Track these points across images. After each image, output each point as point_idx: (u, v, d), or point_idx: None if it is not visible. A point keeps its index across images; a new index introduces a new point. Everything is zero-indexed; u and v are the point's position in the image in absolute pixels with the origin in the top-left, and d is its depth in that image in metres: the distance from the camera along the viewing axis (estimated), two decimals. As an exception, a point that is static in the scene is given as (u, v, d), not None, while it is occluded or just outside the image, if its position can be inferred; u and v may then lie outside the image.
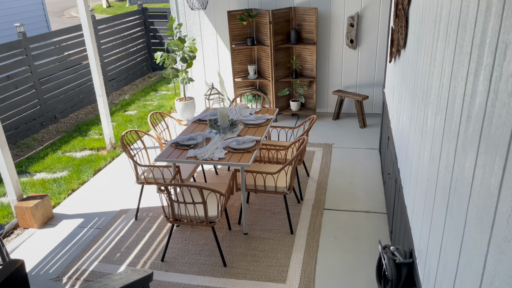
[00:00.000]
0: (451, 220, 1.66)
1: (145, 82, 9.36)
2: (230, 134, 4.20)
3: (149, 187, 4.84)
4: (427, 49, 2.35)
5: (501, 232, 1.11)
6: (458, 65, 1.64)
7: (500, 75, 1.16)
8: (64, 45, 7.22)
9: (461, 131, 1.56)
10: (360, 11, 6.03)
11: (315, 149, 5.58)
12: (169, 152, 3.89)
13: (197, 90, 7.08)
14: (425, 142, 2.27)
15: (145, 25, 9.57)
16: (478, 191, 1.32)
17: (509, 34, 1.10)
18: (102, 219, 4.33)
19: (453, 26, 1.76)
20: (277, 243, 3.80)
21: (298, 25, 6.24)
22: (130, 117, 7.16)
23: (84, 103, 7.72)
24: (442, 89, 1.91)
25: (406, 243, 2.74)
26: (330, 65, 6.43)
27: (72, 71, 7.39)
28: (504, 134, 1.11)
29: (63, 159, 5.68)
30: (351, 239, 3.81)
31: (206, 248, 3.78)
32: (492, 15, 1.25)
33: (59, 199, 4.67)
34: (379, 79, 6.32)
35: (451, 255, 1.63)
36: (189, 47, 6.23)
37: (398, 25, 3.61)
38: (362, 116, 6.16)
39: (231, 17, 6.17)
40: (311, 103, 6.55)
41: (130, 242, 3.93)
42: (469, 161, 1.44)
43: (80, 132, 6.58)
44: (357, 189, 4.60)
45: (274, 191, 3.83)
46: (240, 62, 6.51)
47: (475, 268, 1.32)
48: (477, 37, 1.40)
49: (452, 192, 1.65)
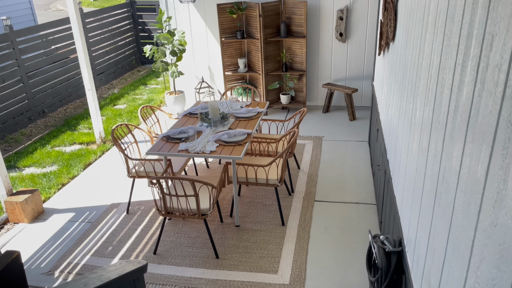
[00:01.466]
0: (439, 208, 1.70)
1: (134, 76, 9.29)
2: (221, 127, 4.21)
3: (140, 181, 4.84)
4: (415, 41, 2.39)
5: (488, 218, 1.15)
6: (446, 56, 1.68)
7: (487, 65, 1.20)
8: (52, 39, 7.13)
9: (449, 121, 1.60)
10: (349, 4, 6.06)
11: (305, 142, 5.62)
12: (161, 146, 3.89)
13: (187, 83, 7.07)
14: (414, 133, 2.31)
15: (134, 18, 9.48)
16: (466, 179, 1.36)
17: (496, 26, 1.13)
18: (93, 213, 4.32)
19: (441, 18, 1.80)
20: (268, 234, 3.84)
21: (288, 18, 6.25)
22: (120, 111, 7.12)
23: (72, 97, 7.65)
24: (431, 80, 1.95)
25: (395, 232, 2.80)
26: (320, 58, 6.46)
27: (60, 65, 7.31)
28: (491, 123, 1.15)
29: (52, 153, 5.64)
30: (342, 230, 3.87)
31: (198, 241, 3.80)
32: (479, 7, 1.28)
33: (49, 194, 4.64)
34: (368, 72, 6.37)
35: (439, 242, 1.67)
36: (179, 41, 6.21)
37: (387, 18, 3.65)
38: (352, 109, 6.21)
39: (220, 10, 6.15)
40: (301, 96, 6.58)
41: (122, 236, 3.94)
42: (457, 150, 1.48)
43: (69, 127, 6.53)
44: (347, 181, 4.66)
45: (266, 184, 3.87)
46: (230, 56, 6.50)
47: (463, 253, 1.36)
48: (465, 29, 1.44)
49: (440, 181, 1.69)
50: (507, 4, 1.05)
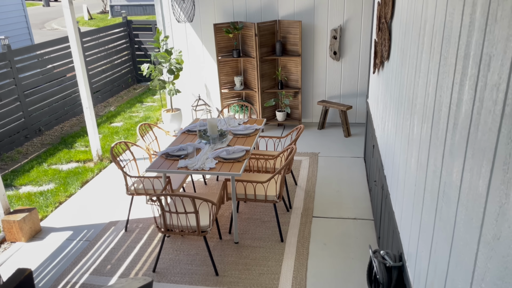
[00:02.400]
0: (440, 222, 1.74)
1: (130, 93, 9.35)
2: (220, 144, 4.25)
3: (137, 198, 4.83)
4: (411, 60, 2.47)
5: (490, 231, 1.20)
6: (443, 75, 1.74)
7: (485, 85, 1.26)
8: (49, 58, 7.18)
9: (448, 137, 1.65)
10: (343, 24, 6.20)
11: (302, 158, 5.67)
12: (160, 163, 3.91)
13: (184, 101, 7.13)
14: (412, 149, 2.37)
15: (130, 37, 9.59)
16: (467, 194, 1.41)
17: (493, 48, 1.20)
18: (91, 231, 4.30)
19: (437, 39, 1.87)
20: (268, 251, 3.85)
21: (283, 37, 6.37)
22: (117, 129, 7.13)
23: (68, 115, 7.66)
24: (428, 98, 2.01)
25: (395, 247, 2.83)
26: (315, 76, 6.57)
27: (56, 83, 7.35)
28: (491, 139, 1.20)
29: (49, 171, 5.62)
30: (340, 246, 3.89)
31: (197, 258, 3.80)
32: (476, 30, 1.36)
33: (46, 212, 4.62)
34: (362, 89, 6.48)
35: (441, 255, 1.71)
36: (176, 59, 6.29)
37: (381, 37, 3.75)
38: (347, 126, 6.29)
39: (217, 29, 6.26)
40: (296, 113, 6.66)
41: (121, 254, 3.92)
42: (457, 166, 1.53)
43: (65, 145, 6.53)
44: (344, 197, 4.70)
45: (264, 200, 3.89)
46: (227, 74, 6.59)
47: (466, 266, 1.40)
48: (462, 50, 1.50)
49: (441, 195, 1.74)
50: (504, 27, 1.12)
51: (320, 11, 6.20)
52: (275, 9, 6.32)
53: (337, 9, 6.14)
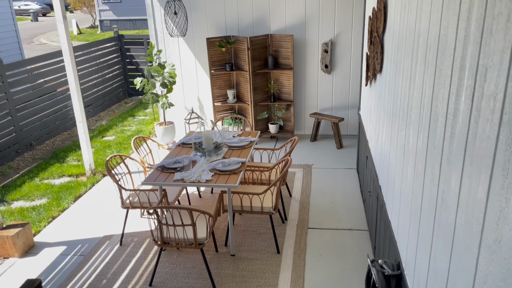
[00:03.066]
0: (439, 229, 1.79)
1: (121, 107, 9.34)
2: (215, 156, 4.27)
3: (132, 212, 4.81)
4: (405, 72, 2.54)
5: (491, 235, 1.24)
6: (439, 87, 1.81)
7: (482, 95, 1.32)
8: (40, 72, 7.17)
9: (446, 146, 1.71)
10: (334, 38, 6.32)
11: (295, 170, 5.71)
12: (156, 176, 3.91)
13: (177, 114, 7.15)
14: (408, 159, 2.42)
15: (122, 52, 9.62)
16: (466, 200, 1.46)
17: (489, 59, 1.26)
18: (86, 245, 4.26)
19: (432, 52, 1.94)
20: (264, 263, 3.85)
21: (275, 51, 6.46)
22: (109, 143, 7.11)
23: (60, 129, 7.62)
24: (424, 109, 2.08)
25: (392, 256, 2.86)
26: (307, 89, 6.66)
27: (48, 98, 7.32)
28: (489, 147, 1.25)
29: (41, 186, 5.57)
30: (336, 257, 3.91)
31: (194, 271, 3.78)
32: (471, 43, 1.42)
33: (39, 227, 4.57)
34: (353, 101, 6.58)
35: (441, 262, 1.75)
36: (169, 73, 6.33)
37: (373, 51, 3.84)
38: (339, 137, 6.37)
39: (210, 43, 6.34)
40: (289, 126, 6.72)
41: (116, 268, 3.89)
42: (455, 173, 1.58)
43: (57, 159, 6.48)
44: (339, 208, 4.73)
45: (261, 212, 3.91)
46: (220, 87, 6.65)
47: (467, 270, 1.44)
48: (457, 62, 1.57)
49: (439, 202, 1.79)
50: (499, 40, 1.18)
51: (311, 25, 6.32)
52: (267, 23, 6.42)
53: (327, 24, 6.26)
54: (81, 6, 27.58)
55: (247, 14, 6.43)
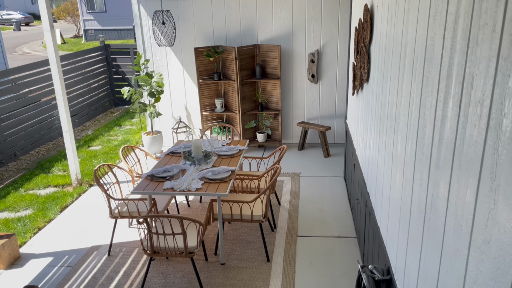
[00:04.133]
0: (429, 233, 1.84)
1: (107, 117, 9.28)
2: (205, 165, 4.28)
3: (120, 222, 4.77)
4: (393, 81, 2.61)
5: (480, 235, 1.29)
6: (427, 94, 1.87)
7: (469, 101, 1.38)
8: (25, 82, 7.09)
9: (434, 152, 1.77)
10: (320, 48, 6.43)
11: (284, 179, 5.75)
12: (145, 185, 3.90)
13: (164, 123, 7.14)
14: (397, 165, 2.48)
15: (108, 61, 9.59)
16: (455, 203, 1.51)
17: (475, 67, 1.32)
18: (73, 256, 4.20)
19: (419, 61, 2.01)
20: (254, 271, 3.86)
21: (263, 61, 6.54)
22: (95, 153, 7.05)
23: (45, 139, 7.52)
24: (412, 116, 2.14)
25: (381, 261, 2.91)
26: (294, 98, 6.73)
27: (32, 108, 7.24)
28: (477, 151, 1.31)
29: (26, 197, 5.48)
30: (326, 264, 3.94)
31: (184, 280, 3.76)
32: (457, 52, 1.49)
33: (25, 238, 4.49)
34: (340, 111, 6.68)
35: (431, 265, 1.80)
36: (156, 82, 6.34)
37: (360, 61, 3.93)
38: (326, 146, 6.44)
39: (198, 53, 6.37)
40: (277, 135, 6.78)
41: (105, 279, 3.84)
42: (444, 178, 1.63)
43: (42, 169, 6.39)
44: (327, 216, 4.78)
45: (250, 220, 3.93)
46: (207, 96, 6.68)
47: (457, 271, 1.49)
48: (444, 70, 1.63)
49: (429, 207, 1.84)
50: (485, 49, 1.25)
51: (298, 36, 6.42)
52: (254, 33, 6.50)
53: (314, 34, 6.37)
54: (65, 15, 27.40)
55: (235, 24, 6.50)
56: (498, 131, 1.16)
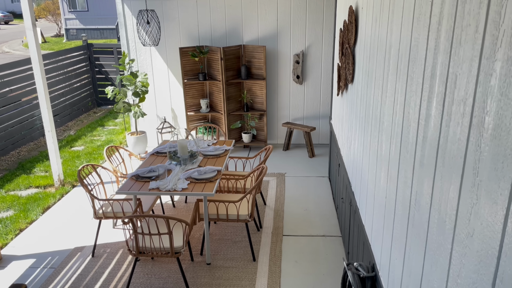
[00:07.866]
0: (413, 229, 1.88)
1: (90, 117, 9.16)
2: (191, 165, 4.28)
3: (104, 222, 4.72)
4: (377, 82, 2.66)
5: (464, 230, 1.33)
6: (411, 94, 1.92)
7: (452, 100, 1.42)
8: (5, 81, 6.95)
9: (418, 150, 1.81)
10: (305, 49, 6.48)
11: (269, 179, 5.77)
12: (130, 185, 3.87)
13: (149, 124, 7.09)
14: (381, 164, 2.53)
15: (90, 61, 9.47)
16: (439, 199, 1.55)
17: (458, 67, 1.36)
18: (56, 258, 4.14)
19: (403, 62, 2.06)
20: (240, 271, 3.86)
21: (248, 61, 6.55)
22: (78, 153, 6.95)
23: (26, 139, 7.38)
24: (396, 116, 2.18)
25: (366, 259, 2.95)
26: (279, 99, 6.77)
27: (13, 107, 7.10)
28: (460, 148, 1.35)
29: (7, 198, 5.37)
30: (311, 263, 3.98)
31: (169, 281, 3.75)
32: (441, 52, 1.53)
33: (6, 240, 4.40)
34: (324, 111, 6.74)
35: (416, 260, 1.84)
36: (141, 82, 6.29)
37: (344, 62, 3.98)
38: (311, 146, 6.50)
39: (183, 53, 6.35)
40: (262, 135, 6.80)
41: (89, 280, 3.80)
42: (428, 175, 1.68)
43: (23, 170, 6.27)
44: (312, 215, 4.82)
45: (237, 220, 3.93)
46: (192, 96, 6.66)
47: (441, 265, 1.53)
48: (428, 70, 1.68)
49: (413, 204, 1.88)
50: (468, 49, 1.29)
51: (283, 37, 6.46)
52: (239, 34, 6.51)
53: (299, 36, 6.42)
54: (46, 14, 26.92)
55: (220, 24, 6.50)
56: (481, 128, 1.20)
